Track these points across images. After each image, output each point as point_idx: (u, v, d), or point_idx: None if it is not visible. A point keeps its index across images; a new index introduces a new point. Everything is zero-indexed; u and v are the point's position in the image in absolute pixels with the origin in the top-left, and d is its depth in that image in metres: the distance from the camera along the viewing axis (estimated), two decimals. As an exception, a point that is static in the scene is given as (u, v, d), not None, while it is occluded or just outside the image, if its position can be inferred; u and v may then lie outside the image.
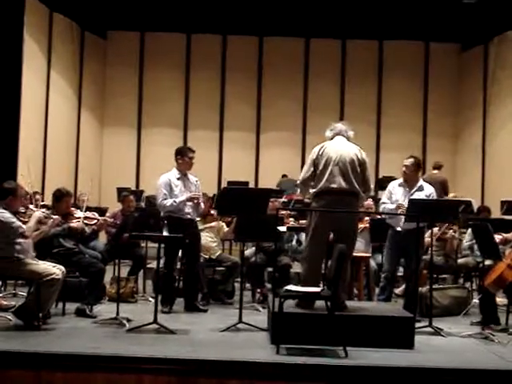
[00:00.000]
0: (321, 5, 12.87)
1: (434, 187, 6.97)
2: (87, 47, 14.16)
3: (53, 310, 6.16)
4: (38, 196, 8.93)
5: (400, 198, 6.63)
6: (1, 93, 10.62)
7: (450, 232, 7.99)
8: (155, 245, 6.52)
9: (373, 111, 14.87)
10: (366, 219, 8.06)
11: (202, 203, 7.12)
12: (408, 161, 6.72)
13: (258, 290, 7.65)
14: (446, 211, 6.58)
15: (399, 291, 7.83)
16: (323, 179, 5.65)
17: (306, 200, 8.06)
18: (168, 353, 4.81)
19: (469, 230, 7.90)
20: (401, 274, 7.44)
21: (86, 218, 6.56)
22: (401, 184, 6.77)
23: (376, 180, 12.79)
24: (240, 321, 5.89)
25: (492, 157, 13.46)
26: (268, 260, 7.58)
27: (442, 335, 5.89)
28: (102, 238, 8.58)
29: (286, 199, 10.59)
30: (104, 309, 6.61)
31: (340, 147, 5.78)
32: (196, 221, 7.09)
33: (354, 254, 6.35)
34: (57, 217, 6.15)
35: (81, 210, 6.67)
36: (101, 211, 8.17)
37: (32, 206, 6.41)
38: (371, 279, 7.66)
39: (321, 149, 5.78)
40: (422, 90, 14.92)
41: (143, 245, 7.97)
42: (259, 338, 5.53)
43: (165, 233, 6.58)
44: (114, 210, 8.84)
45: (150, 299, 7.33)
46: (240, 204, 6.10)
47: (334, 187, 5.63)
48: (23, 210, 6.00)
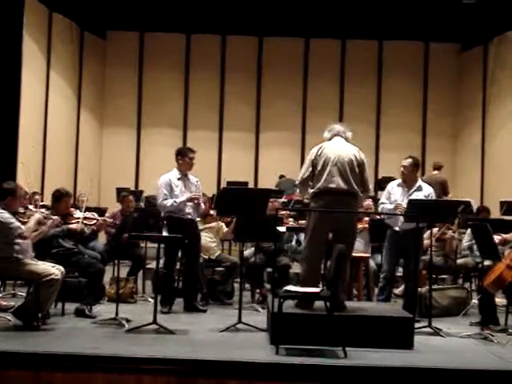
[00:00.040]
0: (321, 5, 12.86)
1: (434, 188, 6.98)
2: (87, 47, 14.13)
3: (52, 311, 6.17)
4: (38, 196, 8.94)
5: (399, 198, 6.63)
6: (0, 93, 10.61)
7: (450, 232, 7.99)
8: (155, 245, 6.51)
9: (372, 111, 14.84)
10: (366, 219, 8.06)
11: (203, 203, 7.13)
12: (406, 161, 6.73)
13: (258, 291, 7.64)
14: (446, 211, 6.59)
15: (398, 291, 7.84)
16: (322, 179, 5.65)
17: (306, 200, 8.07)
18: (167, 353, 4.81)
19: (468, 231, 7.90)
20: (400, 275, 7.44)
21: (86, 219, 6.55)
22: (399, 184, 6.77)
23: (375, 180, 12.80)
24: (239, 321, 5.89)
25: (491, 157, 13.45)
26: (267, 260, 7.58)
27: (442, 335, 5.90)
28: (102, 239, 8.57)
29: (286, 199, 10.58)
30: (103, 309, 6.61)
31: (338, 148, 5.78)
32: (196, 221, 7.09)
33: (354, 255, 6.36)
34: (56, 217, 6.14)
35: (80, 211, 6.66)
36: (100, 211, 8.18)
37: (31, 207, 6.41)
38: (370, 279, 7.67)
39: (319, 149, 5.78)
40: (422, 90, 14.90)
41: (143, 245, 7.97)
42: (258, 339, 5.53)
43: (164, 233, 6.58)
44: (114, 211, 8.83)
45: (150, 299, 7.33)
46: (239, 204, 6.10)
47: (333, 187, 5.62)
48: (22, 211, 5.99)
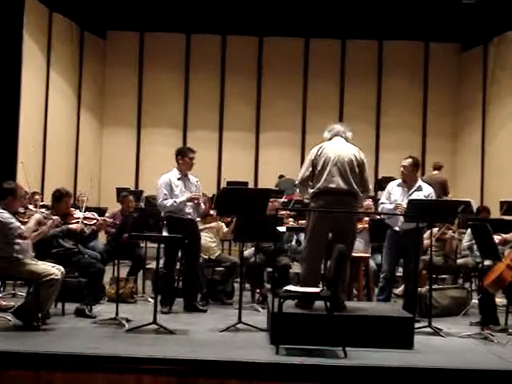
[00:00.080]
0: (321, 5, 12.85)
1: (434, 188, 6.98)
2: (87, 47, 14.13)
3: (52, 311, 6.17)
4: (38, 196, 8.95)
5: (399, 198, 6.63)
6: (0, 92, 10.61)
7: (450, 232, 7.99)
8: (155, 245, 6.51)
9: (372, 111, 14.83)
10: (366, 219, 8.06)
11: (203, 203, 7.13)
12: (406, 161, 6.73)
13: (258, 291, 7.64)
14: (446, 211, 6.60)
15: (398, 291, 7.83)
16: (322, 179, 5.65)
17: (306, 200, 8.07)
18: (167, 353, 4.81)
19: (468, 231, 7.90)
20: (400, 275, 7.44)
21: (86, 219, 6.55)
22: (399, 184, 6.77)
23: (375, 180, 12.79)
24: (239, 321, 5.89)
25: (491, 157, 13.44)
26: (267, 260, 7.58)
27: (442, 335, 5.90)
28: (102, 239, 8.56)
29: (286, 199, 10.58)
30: (103, 309, 6.61)
31: (338, 148, 5.78)
32: (196, 221, 7.09)
33: (354, 255, 6.37)
34: (56, 217, 6.14)
35: (80, 211, 6.66)
36: (100, 211, 8.17)
37: (31, 207, 6.41)
38: (370, 279, 7.67)
39: (319, 149, 5.78)
40: (422, 90, 14.89)
41: (143, 245, 7.98)
42: (259, 339, 5.53)
43: (164, 233, 6.58)
44: (114, 210, 8.82)
45: (150, 299, 7.33)
46: (239, 204, 6.10)
47: (333, 187, 5.62)
48: (22, 211, 6.00)
